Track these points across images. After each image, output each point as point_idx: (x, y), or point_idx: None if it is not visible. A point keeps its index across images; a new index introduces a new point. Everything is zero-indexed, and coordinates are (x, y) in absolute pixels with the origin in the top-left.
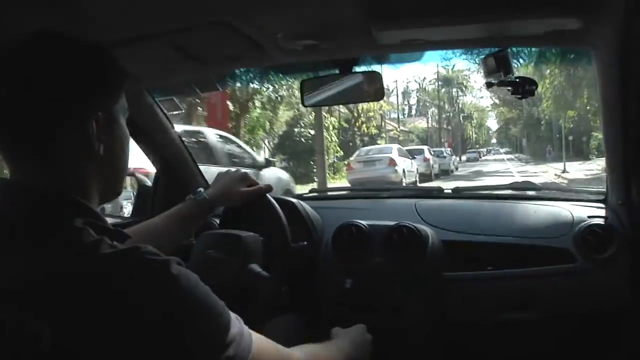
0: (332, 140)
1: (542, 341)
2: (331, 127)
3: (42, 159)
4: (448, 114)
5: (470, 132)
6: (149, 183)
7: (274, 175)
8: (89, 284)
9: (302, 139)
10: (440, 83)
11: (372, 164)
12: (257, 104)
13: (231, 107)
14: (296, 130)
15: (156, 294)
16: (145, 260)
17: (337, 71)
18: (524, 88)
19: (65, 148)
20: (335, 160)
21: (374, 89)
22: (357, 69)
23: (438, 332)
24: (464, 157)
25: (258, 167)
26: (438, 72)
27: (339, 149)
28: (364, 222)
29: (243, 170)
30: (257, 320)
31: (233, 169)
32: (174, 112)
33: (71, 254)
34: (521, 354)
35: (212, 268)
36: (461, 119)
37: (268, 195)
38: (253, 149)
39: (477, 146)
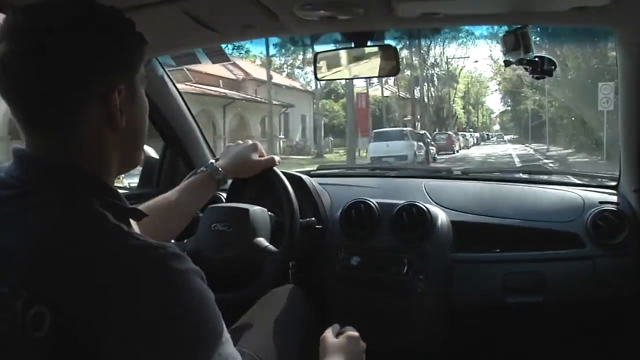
0: None
1: (548, 325)
2: None
3: (63, 133)
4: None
5: (454, 105)
6: (156, 155)
7: None
8: (99, 273)
9: None
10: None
11: None
12: None
13: None
14: None
15: (164, 300)
16: (165, 264)
17: (352, 45)
18: (543, 67)
19: (87, 122)
20: None
21: (389, 64)
22: (372, 43)
23: (443, 312)
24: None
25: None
26: None
27: None
28: (373, 200)
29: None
30: (263, 295)
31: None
32: None
33: (86, 239)
34: (527, 337)
35: (219, 242)
36: (435, 80)
37: (276, 169)
38: None
39: (471, 130)
